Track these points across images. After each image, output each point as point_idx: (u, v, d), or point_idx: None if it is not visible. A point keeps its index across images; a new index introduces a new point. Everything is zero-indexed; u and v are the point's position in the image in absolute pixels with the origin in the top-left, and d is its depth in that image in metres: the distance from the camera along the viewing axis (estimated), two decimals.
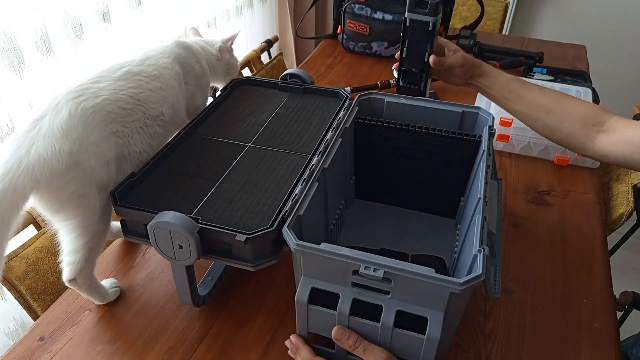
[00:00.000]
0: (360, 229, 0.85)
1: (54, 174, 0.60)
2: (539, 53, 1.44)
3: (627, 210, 1.09)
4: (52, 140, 0.60)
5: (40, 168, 0.59)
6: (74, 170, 0.62)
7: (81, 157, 0.62)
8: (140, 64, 0.76)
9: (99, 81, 0.69)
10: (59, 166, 0.60)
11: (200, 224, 0.60)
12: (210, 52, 0.92)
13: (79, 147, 0.62)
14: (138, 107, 0.71)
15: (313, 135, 0.80)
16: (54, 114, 0.62)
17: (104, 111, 0.66)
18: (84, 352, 0.68)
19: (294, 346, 0.62)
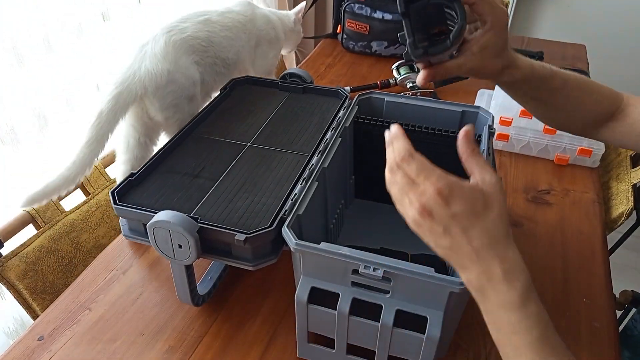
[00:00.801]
0: (360, 228, 0.85)
1: (158, 86, 0.82)
2: (539, 52, 1.44)
3: (627, 209, 1.08)
4: (155, 61, 0.82)
5: (149, 80, 0.81)
6: (171, 84, 0.83)
7: (176, 75, 0.84)
8: (220, 15, 0.95)
9: (184, 22, 0.90)
10: (161, 80, 0.82)
11: (199, 223, 0.60)
12: (286, 23, 1.12)
13: (174, 67, 0.83)
14: (211, 47, 0.91)
15: (313, 135, 0.79)
16: (153, 42, 0.84)
17: (188, 44, 0.87)
18: (83, 351, 0.68)
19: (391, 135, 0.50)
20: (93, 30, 1.22)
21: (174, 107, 0.85)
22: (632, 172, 1.14)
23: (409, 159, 0.46)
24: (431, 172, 0.45)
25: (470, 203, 0.44)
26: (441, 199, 0.44)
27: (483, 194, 0.45)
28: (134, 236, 0.66)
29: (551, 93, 0.66)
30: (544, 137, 1.04)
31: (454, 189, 0.44)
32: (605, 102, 0.67)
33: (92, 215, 1.01)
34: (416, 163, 0.46)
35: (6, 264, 0.85)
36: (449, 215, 0.44)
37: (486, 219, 0.45)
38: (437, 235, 0.46)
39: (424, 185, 0.45)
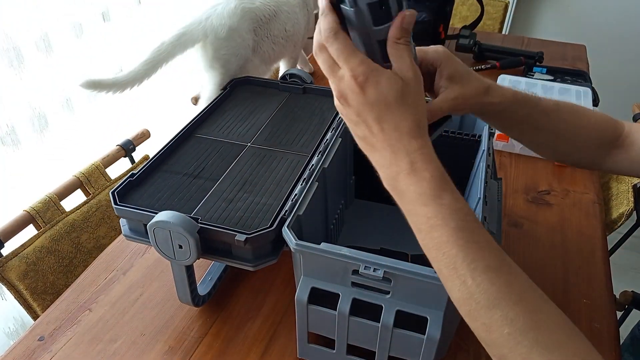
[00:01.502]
0: (360, 229, 0.85)
1: (217, 37, 0.97)
2: (539, 53, 1.44)
3: (627, 209, 1.09)
4: (221, 18, 0.97)
5: (210, 30, 0.96)
6: (228, 40, 0.98)
7: (234, 33, 0.98)
8: None
9: None
10: (221, 33, 0.97)
11: (200, 223, 0.60)
12: None
13: (236, 26, 0.98)
14: (273, 19, 1.05)
15: (313, 135, 0.79)
16: (225, 3, 0.98)
17: (253, 14, 1.01)
18: (83, 352, 0.68)
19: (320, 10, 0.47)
20: (93, 30, 1.22)
21: (223, 61, 1.00)
22: None
23: (332, 39, 0.44)
24: (351, 55, 0.44)
25: (386, 92, 0.43)
26: (356, 85, 0.43)
27: (400, 84, 0.44)
28: (135, 236, 0.66)
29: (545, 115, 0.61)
30: None
31: (370, 76, 0.43)
32: (604, 126, 0.63)
33: (93, 216, 1.01)
34: (337, 44, 0.44)
35: (7, 264, 0.85)
36: (362, 103, 0.44)
37: (400, 110, 0.44)
38: (353, 122, 0.46)
39: (343, 70, 0.44)
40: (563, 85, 1.19)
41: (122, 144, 1.12)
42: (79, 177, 1.02)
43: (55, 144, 1.17)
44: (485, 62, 1.45)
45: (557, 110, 0.61)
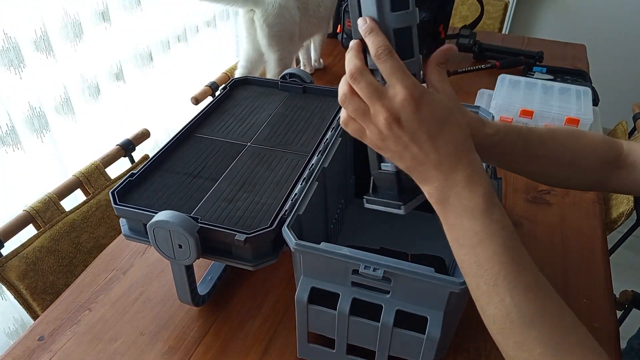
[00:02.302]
0: (360, 228, 0.85)
1: (268, 14, 1.10)
2: (539, 52, 1.44)
3: (627, 209, 1.09)
4: None
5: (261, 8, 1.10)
6: (279, 17, 1.11)
7: (283, 10, 1.12)
8: None
9: None
10: (273, 10, 1.10)
11: (199, 223, 0.60)
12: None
13: (284, 4, 1.12)
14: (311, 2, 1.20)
15: (313, 135, 0.79)
16: None
17: None
18: (83, 351, 0.68)
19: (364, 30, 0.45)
20: (93, 30, 1.22)
21: (277, 37, 1.13)
22: None
23: (387, 56, 0.43)
24: (406, 72, 0.43)
25: (439, 110, 0.44)
26: (413, 103, 0.42)
27: (446, 103, 0.45)
28: (134, 236, 0.66)
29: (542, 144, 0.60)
30: None
31: (424, 94, 0.43)
32: (603, 147, 0.62)
33: (92, 215, 1.01)
34: (392, 61, 0.43)
35: (6, 264, 0.85)
36: (419, 121, 0.43)
37: (452, 126, 0.44)
38: (403, 145, 0.44)
39: (396, 89, 0.42)
40: (563, 85, 1.19)
41: (122, 144, 1.12)
42: (78, 177, 1.02)
43: (55, 143, 1.17)
44: (485, 61, 1.45)
45: (553, 137, 0.61)
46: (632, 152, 0.62)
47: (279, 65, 1.19)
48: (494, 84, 1.21)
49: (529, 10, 2.56)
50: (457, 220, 0.45)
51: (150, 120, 1.48)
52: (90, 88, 1.24)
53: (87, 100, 1.25)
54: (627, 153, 0.62)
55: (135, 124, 1.43)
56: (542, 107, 1.09)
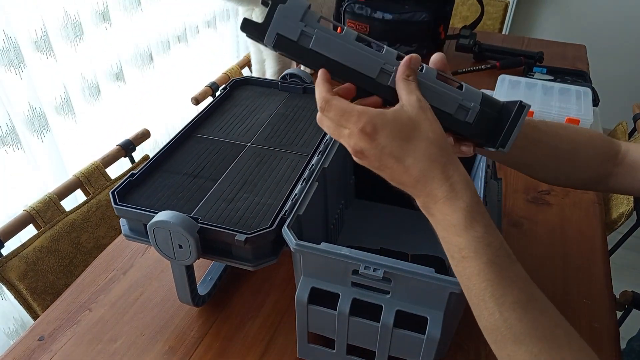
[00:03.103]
0: (360, 229, 0.85)
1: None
2: (539, 53, 1.44)
3: (627, 209, 1.09)
4: None
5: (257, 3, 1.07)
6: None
7: None
8: None
9: None
10: None
11: (200, 223, 0.60)
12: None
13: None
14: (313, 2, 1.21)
15: (313, 135, 0.79)
16: None
17: None
18: (83, 351, 0.68)
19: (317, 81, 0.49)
20: (93, 30, 1.22)
21: None
22: None
23: (327, 106, 0.45)
24: (349, 113, 0.44)
25: (397, 131, 0.43)
26: (366, 136, 0.43)
27: (409, 118, 0.44)
28: (135, 236, 0.66)
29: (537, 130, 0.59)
30: None
31: (376, 122, 0.43)
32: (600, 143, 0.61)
33: (93, 216, 1.01)
34: (333, 110, 0.45)
35: (6, 264, 0.85)
36: (378, 148, 0.43)
37: (417, 142, 0.44)
38: (377, 169, 0.46)
39: (348, 128, 0.44)
40: (563, 85, 1.19)
41: (122, 144, 1.12)
42: (79, 177, 1.02)
43: (55, 144, 1.17)
44: (485, 62, 1.45)
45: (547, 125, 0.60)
46: (630, 152, 0.61)
47: (278, 63, 1.20)
48: (494, 84, 1.21)
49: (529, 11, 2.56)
50: (444, 234, 0.45)
51: (150, 120, 1.49)
52: (91, 88, 1.25)
53: (87, 100, 1.25)
54: (624, 152, 0.62)
55: (135, 124, 1.43)
56: (542, 108, 1.09)
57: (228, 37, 1.86)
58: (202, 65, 1.70)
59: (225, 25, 1.82)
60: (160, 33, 1.44)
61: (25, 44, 1.05)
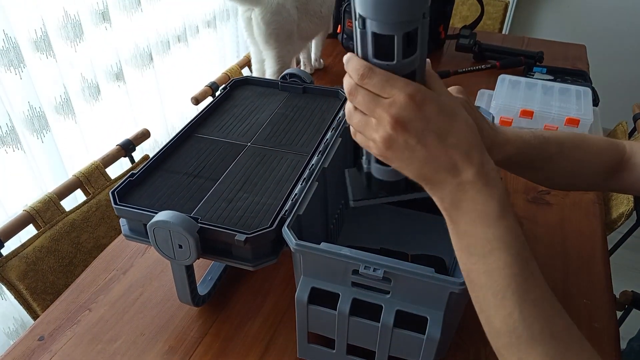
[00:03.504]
0: (360, 229, 0.85)
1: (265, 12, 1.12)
2: (539, 52, 1.44)
3: (627, 209, 1.09)
4: None
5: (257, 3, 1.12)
6: (276, 14, 1.12)
7: (281, 8, 1.13)
8: None
9: None
10: (271, 7, 1.11)
11: (200, 223, 0.60)
12: None
13: (282, 2, 1.13)
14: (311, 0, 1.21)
15: (313, 135, 0.79)
16: None
17: None
18: (83, 351, 0.68)
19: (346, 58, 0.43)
20: (93, 30, 1.22)
21: (275, 35, 1.14)
22: None
23: (370, 73, 0.40)
24: (397, 79, 0.40)
25: (444, 105, 0.41)
26: (414, 104, 0.39)
27: (450, 99, 0.42)
28: (134, 236, 0.66)
29: (549, 160, 0.61)
30: None
31: (425, 92, 0.40)
32: (605, 155, 0.62)
33: (92, 215, 1.01)
34: (378, 75, 0.40)
35: (6, 264, 0.85)
36: (424, 120, 0.40)
37: (461, 122, 0.41)
38: (411, 149, 0.41)
39: (393, 95, 0.40)
40: (563, 85, 1.19)
41: (122, 144, 1.12)
42: (78, 177, 1.02)
43: (55, 144, 1.17)
44: (485, 62, 1.45)
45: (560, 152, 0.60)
46: (634, 154, 0.62)
47: (277, 63, 1.20)
48: (494, 84, 1.21)
49: (529, 10, 2.56)
50: (469, 227, 0.42)
51: (150, 120, 1.49)
52: (90, 88, 1.24)
53: (87, 100, 1.25)
54: (629, 154, 0.62)
55: (135, 124, 1.43)
56: (542, 108, 1.09)
57: (228, 37, 1.86)
58: (202, 65, 1.70)
59: (225, 25, 1.82)
60: (160, 33, 1.44)
61: (25, 44, 1.05)
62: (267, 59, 1.20)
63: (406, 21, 0.39)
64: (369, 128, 0.42)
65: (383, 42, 0.40)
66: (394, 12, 0.38)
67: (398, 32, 0.39)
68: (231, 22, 1.85)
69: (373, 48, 0.41)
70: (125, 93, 1.37)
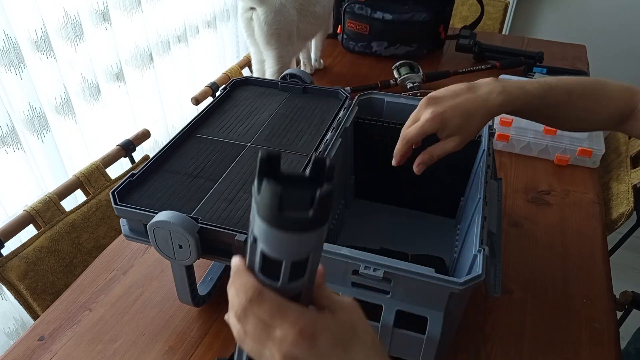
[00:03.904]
0: (360, 229, 0.85)
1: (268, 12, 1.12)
2: (539, 53, 1.44)
3: (627, 210, 1.09)
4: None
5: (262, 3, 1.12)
6: (278, 14, 1.14)
7: (284, 9, 1.14)
8: None
9: None
10: (274, 7, 1.13)
11: (200, 223, 0.60)
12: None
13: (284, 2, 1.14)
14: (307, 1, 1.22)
15: (313, 135, 0.79)
16: None
17: None
18: (83, 351, 0.68)
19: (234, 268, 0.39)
20: (93, 30, 1.22)
21: (277, 35, 1.16)
22: (632, 173, 1.14)
23: (259, 299, 0.36)
24: (287, 311, 0.37)
25: (339, 335, 0.38)
26: (306, 341, 0.36)
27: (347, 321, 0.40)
28: (135, 236, 0.66)
29: (556, 108, 0.65)
30: (544, 138, 1.04)
31: (318, 324, 0.37)
32: (617, 103, 0.66)
33: (93, 216, 1.01)
34: (268, 303, 0.36)
35: (7, 264, 0.85)
36: (317, 357, 0.37)
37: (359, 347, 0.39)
38: None
39: (283, 329, 0.36)
40: None
41: (122, 144, 1.12)
42: (79, 177, 1.02)
43: (55, 144, 1.17)
44: (485, 62, 1.45)
45: (568, 101, 0.66)
46: None
47: (277, 63, 1.20)
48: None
49: (529, 11, 2.56)
50: None
51: (150, 120, 1.49)
52: (90, 88, 1.25)
53: (87, 100, 1.25)
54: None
55: (135, 124, 1.43)
56: None
57: (228, 37, 1.86)
58: (202, 65, 1.70)
59: (225, 25, 1.82)
60: (160, 33, 1.44)
61: (25, 44, 1.05)
62: (268, 59, 1.21)
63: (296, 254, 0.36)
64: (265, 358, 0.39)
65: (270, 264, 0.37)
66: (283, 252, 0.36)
67: (287, 260, 0.37)
68: (231, 22, 1.85)
69: (260, 265, 0.38)
70: (125, 93, 1.37)
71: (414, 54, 1.47)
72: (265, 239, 0.36)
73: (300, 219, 0.34)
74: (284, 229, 0.34)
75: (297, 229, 0.35)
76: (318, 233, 0.35)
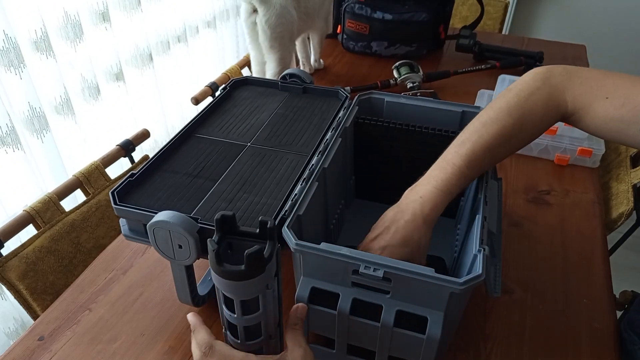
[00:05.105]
0: (360, 228, 0.85)
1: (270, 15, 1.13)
2: (539, 53, 1.44)
3: (627, 209, 1.08)
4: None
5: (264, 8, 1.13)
6: (280, 17, 1.14)
7: (284, 11, 1.15)
8: None
9: None
10: (275, 10, 1.13)
11: (199, 223, 0.60)
12: None
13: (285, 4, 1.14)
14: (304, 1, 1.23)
15: (313, 135, 0.79)
16: None
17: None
18: (83, 351, 0.68)
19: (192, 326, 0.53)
20: (93, 30, 1.22)
21: (280, 38, 1.16)
22: (632, 173, 1.14)
23: (211, 351, 0.47)
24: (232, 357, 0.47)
25: None
26: None
27: None
28: (134, 236, 0.66)
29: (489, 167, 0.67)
30: (544, 138, 1.04)
31: None
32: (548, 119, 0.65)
33: (92, 216, 1.01)
34: (217, 355, 0.47)
35: (6, 264, 0.85)
36: None
37: None
38: None
39: None
40: None
41: (122, 144, 1.12)
42: (78, 177, 1.02)
43: (55, 143, 1.17)
44: (485, 62, 1.45)
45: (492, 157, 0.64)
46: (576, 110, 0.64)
47: (280, 65, 1.21)
48: (494, 84, 1.21)
49: (529, 10, 2.56)
50: None
51: (150, 120, 1.49)
52: (90, 88, 1.25)
53: (87, 100, 1.25)
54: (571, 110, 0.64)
55: (135, 124, 1.43)
56: None
57: (228, 37, 1.86)
58: (202, 66, 1.70)
59: (225, 25, 1.82)
60: (160, 33, 1.44)
61: (25, 44, 1.05)
62: (269, 62, 1.21)
63: None
64: None
65: (227, 298, 0.47)
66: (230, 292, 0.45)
67: (236, 298, 0.46)
68: (231, 22, 1.85)
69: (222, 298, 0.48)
70: (125, 93, 1.37)
71: (414, 54, 1.47)
72: (215, 280, 0.46)
73: (233, 271, 0.43)
74: (223, 277, 0.44)
75: (233, 278, 0.44)
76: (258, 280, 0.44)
